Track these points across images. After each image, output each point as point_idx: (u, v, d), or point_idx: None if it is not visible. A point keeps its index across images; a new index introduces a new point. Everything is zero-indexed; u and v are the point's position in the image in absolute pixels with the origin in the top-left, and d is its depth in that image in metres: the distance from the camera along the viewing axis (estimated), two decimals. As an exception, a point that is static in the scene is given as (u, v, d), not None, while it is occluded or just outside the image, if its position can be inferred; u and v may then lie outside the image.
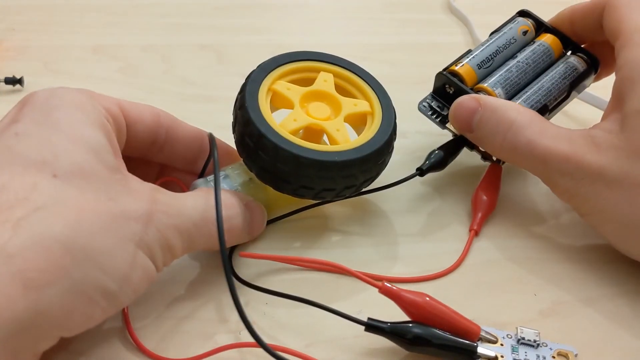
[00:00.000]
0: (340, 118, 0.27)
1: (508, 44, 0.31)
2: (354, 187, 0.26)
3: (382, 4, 0.59)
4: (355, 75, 0.29)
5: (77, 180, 0.19)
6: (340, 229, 0.28)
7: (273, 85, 0.27)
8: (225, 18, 0.53)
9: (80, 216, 0.18)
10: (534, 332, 0.21)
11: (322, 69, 0.29)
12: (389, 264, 0.26)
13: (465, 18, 0.53)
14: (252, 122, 0.25)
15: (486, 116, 0.27)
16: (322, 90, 0.28)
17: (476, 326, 0.21)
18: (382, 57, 0.47)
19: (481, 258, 0.27)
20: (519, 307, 0.24)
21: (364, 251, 0.27)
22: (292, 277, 0.25)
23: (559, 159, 0.24)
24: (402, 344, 0.21)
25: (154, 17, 0.52)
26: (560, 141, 0.25)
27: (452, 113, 0.29)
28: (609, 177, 0.23)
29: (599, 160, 0.23)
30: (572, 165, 0.24)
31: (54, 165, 0.19)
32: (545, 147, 0.25)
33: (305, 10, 0.56)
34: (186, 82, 0.41)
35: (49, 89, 0.22)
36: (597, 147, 0.24)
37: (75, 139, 0.20)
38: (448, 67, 0.31)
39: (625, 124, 0.23)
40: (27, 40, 0.46)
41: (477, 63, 0.31)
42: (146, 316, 0.23)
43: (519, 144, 0.26)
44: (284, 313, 0.23)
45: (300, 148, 0.24)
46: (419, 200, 0.30)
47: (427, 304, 0.21)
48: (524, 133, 0.26)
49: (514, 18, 0.33)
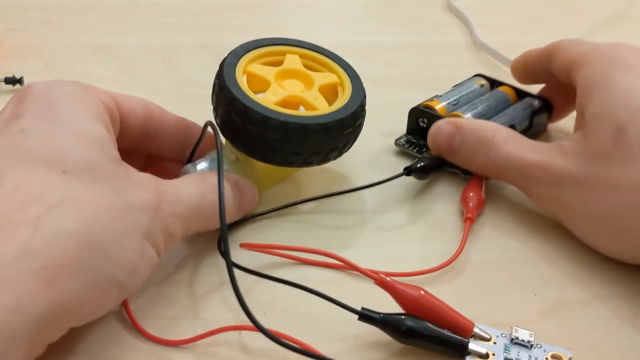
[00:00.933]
0: (314, 89, 0.29)
1: (469, 92, 0.36)
2: (337, 149, 0.28)
3: (382, 4, 0.59)
4: (318, 53, 0.31)
5: (86, 175, 0.20)
6: (338, 229, 0.28)
7: (247, 68, 0.29)
8: (225, 18, 0.53)
9: (93, 211, 0.19)
10: (529, 332, 0.22)
11: (287, 52, 0.31)
12: (386, 262, 0.26)
13: (465, 18, 0.53)
14: (237, 98, 0.26)
15: (466, 137, 0.29)
16: (292, 68, 0.30)
17: (470, 323, 0.21)
18: (382, 57, 0.47)
19: (480, 258, 0.27)
20: (519, 307, 0.24)
21: (363, 251, 0.27)
22: (291, 271, 0.25)
23: (534, 168, 0.27)
24: (395, 335, 0.21)
25: (154, 17, 0.52)
26: (533, 152, 0.27)
27: (431, 138, 0.30)
28: (576, 179, 0.25)
29: (565, 165, 0.25)
30: (544, 172, 0.26)
31: (62, 162, 0.19)
32: (521, 159, 0.27)
33: (305, 10, 0.57)
34: (186, 82, 0.41)
35: (45, 82, 0.22)
36: (564, 154, 0.26)
37: (79, 134, 0.21)
38: (418, 105, 0.34)
39: (585, 130, 0.25)
40: (28, 39, 0.46)
41: (446, 101, 0.34)
42: (145, 301, 0.23)
43: (499, 159, 0.28)
44: (283, 308, 0.23)
45: (287, 116, 0.26)
46: (416, 201, 0.30)
47: (421, 297, 0.21)
48: (502, 148, 0.28)
49: (470, 78, 0.38)
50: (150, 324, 0.22)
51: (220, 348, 0.22)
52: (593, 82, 0.26)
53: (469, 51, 0.48)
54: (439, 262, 0.25)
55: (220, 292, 0.24)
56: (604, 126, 0.25)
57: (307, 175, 0.32)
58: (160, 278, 0.25)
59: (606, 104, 0.25)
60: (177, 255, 0.26)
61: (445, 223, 0.29)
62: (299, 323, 0.23)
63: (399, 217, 0.29)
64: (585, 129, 0.26)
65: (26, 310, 0.17)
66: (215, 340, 0.22)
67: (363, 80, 0.30)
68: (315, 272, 0.25)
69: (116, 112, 0.24)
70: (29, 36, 0.47)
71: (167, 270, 0.25)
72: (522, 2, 0.60)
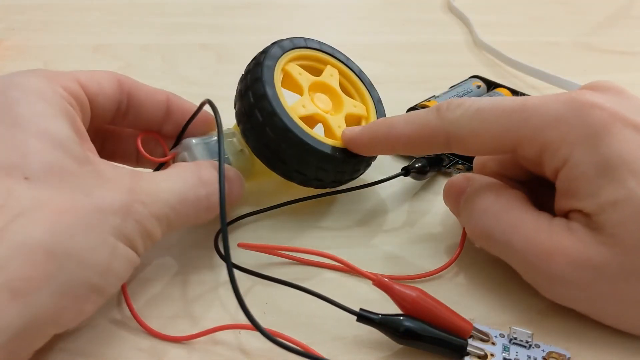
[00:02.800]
0: (342, 115, 0.28)
1: (466, 92, 0.35)
2: (338, 182, 0.27)
3: (382, 4, 0.59)
4: (356, 76, 0.30)
5: (49, 179, 0.19)
6: (336, 229, 0.28)
7: (286, 66, 0.28)
8: (225, 18, 0.53)
9: (60, 218, 0.18)
10: (527, 332, 0.21)
11: (329, 63, 0.30)
12: (385, 262, 0.26)
13: (465, 18, 0.53)
14: (267, 97, 0.25)
15: (468, 198, 0.25)
16: (328, 83, 0.29)
17: (468, 323, 0.21)
18: (382, 57, 0.47)
19: (480, 257, 0.27)
20: (519, 307, 0.24)
21: (362, 250, 0.27)
22: (290, 271, 0.25)
23: (541, 254, 0.22)
24: (393, 336, 0.21)
25: (154, 17, 0.52)
26: (540, 231, 0.22)
27: (445, 194, 0.27)
28: (612, 274, 0.21)
29: (592, 258, 0.21)
30: (560, 264, 0.21)
31: (23, 168, 0.19)
32: (524, 237, 0.22)
33: (305, 10, 0.57)
34: (186, 81, 0.41)
35: (4, 77, 0.21)
36: (584, 244, 0.21)
37: (40, 135, 0.19)
38: (415, 106, 0.34)
39: (603, 216, 0.21)
40: (28, 39, 0.46)
41: (443, 100, 0.34)
42: (147, 299, 0.23)
43: (495, 232, 0.23)
44: (282, 308, 0.23)
45: (308, 136, 0.25)
46: (414, 201, 0.30)
47: (419, 299, 0.21)
48: (502, 221, 0.23)
49: (467, 80, 0.37)
50: (148, 323, 0.22)
51: (219, 347, 0.22)
52: (594, 167, 0.21)
53: (469, 51, 0.48)
54: (438, 262, 0.25)
55: (218, 291, 0.24)
56: (632, 213, 0.20)
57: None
58: (157, 277, 0.25)
59: (628, 187, 0.20)
60: (174, 254, 0.26)
61: (443, 223, 0.29)
62: (298, 323, 0.23)
63: (397, 217, 0.29)
64: (599, 217, 0.21)
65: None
66: (214, 339, 0.22)
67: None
68: (315, 272, 0.25)
69: (83, 97, 0.23)
70: (29, 36, 0.47)
71: (164, 269, 0.25)
72: (522, 2, 0.60)
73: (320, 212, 0.29)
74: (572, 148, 0.21)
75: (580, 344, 0.22)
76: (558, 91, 0.29)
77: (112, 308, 0.23)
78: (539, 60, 0.43)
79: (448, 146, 0.24)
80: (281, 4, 0.57)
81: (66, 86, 0.22)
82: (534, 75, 0.41)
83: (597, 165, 0.21)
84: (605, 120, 0.21)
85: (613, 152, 0.21)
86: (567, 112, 0.22)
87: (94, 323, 0.22)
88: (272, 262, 0.26)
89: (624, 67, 0.47)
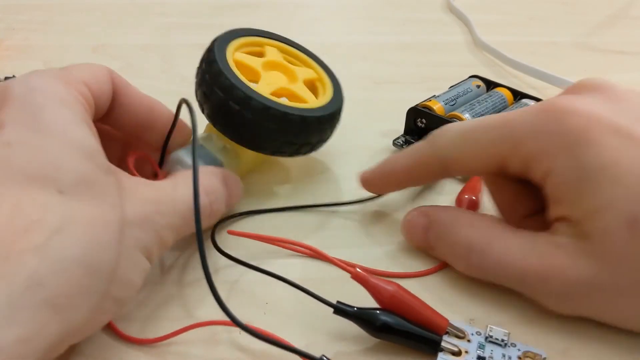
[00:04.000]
0: (300, 82, 0.30)
1: (466, 92, 0.35)
2: (324, 141, 0.29)
3: (382, 4, 0.59)
4: (292, 47, 0.32)
5: (81, 192, 0.19)
6: (337, 228, 0.28)
7: (235, 57, 0.29)
8: (225, 18, 0.53)
9: (93, 231, 0.18)
10: (504, 331, 0.22)
11: (265, 44, 0.31)
12: (387, 262, 0.26)
13: (465, 18, 0.53)
14: (236, 86, 0.26)
15: (440, 236, 0.24)
16: (276, 60, 0.30)
17: (444, 319, 0.21)
18: (382, 57, 0.47)
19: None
20: (519, 306, 0.24)
21: (364, 250, 0.27)
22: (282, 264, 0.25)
23: (538, 279, 0.22)
24: (368, 329, 0.21)
25: (154, 17, 0.52)
26: (529, 255, 0.22)
27: (405, 231, 0.26)
28: (601, 286, 0.21)
29: (582, 271, 0.21)
30: (555, 284, 0.21)
31: (57, 180, 0.18)
32: (516, 267, 0.22)
33: (305, 10, 0.57)
34: (186, 81, 0.41)
35: (22, 80, 0.20)
36: (572, 257, 0.21)
37: (70, 145, 0.19)
38: (416, 106, 0.34)
39: (587, 226, 0.21)
40: (27, 39, 0.46)
41: (443, 100, 0.34)
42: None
43: (487, 267, 0.23)
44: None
45: (287, 107, 0.26)
46: (416, 202, 0.30)
47: (395, 293, 0.21)
48: (489, 255, 0.23)
49: (467, 79, 0.37)
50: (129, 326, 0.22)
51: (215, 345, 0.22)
52: (575, 175, 0.21)
53: (469, 51, 0.48)
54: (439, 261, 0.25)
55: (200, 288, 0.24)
56: (614, 221, 0.20)
57: (308, 175, 0.32)
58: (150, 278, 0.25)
59: (609, 195, 0.20)
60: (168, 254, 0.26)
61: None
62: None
63: (399, 216, 0.29)
64: (585, 226, 0.21)
65: (36, 341, 0.16)
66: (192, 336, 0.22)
67: (363, 80, 0.30)
68: (306, 261, 0.25)
69: (91, 99, 0.22)
70: (29, 36, 0.47)
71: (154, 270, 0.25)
72: (522, 2, 0.60)
73: (321, 212, 0.29)
74: (552, 158, 0.21)
75: (579, 343, 0.22)
76: (558, 91, 0.29)
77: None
78: (539, 60, 0.43)
79: (445, 171, 0.25)
80: (281, 4, 0.57)
81: (80, 90, 0.22)
82: (534, 75, 0.41)
83: (577, 174, 0.21)
84: (583, 127, 0.21)
85: (592, 159, 0.21)
86: (544, 122, 0.22)
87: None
88: (260, 253, 0.26)
89: (624, 67, 0.47)
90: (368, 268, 0.25)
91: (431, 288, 0.24)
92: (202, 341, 0.22)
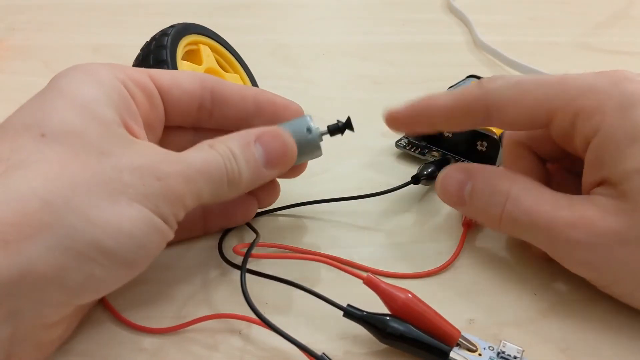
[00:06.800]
0: None
1: None
2: None
3: (382, 4, 0.59)
4: (221, 46, 0.34)
5: (67, 140, 0.19)
6: (336, 230, 0.28)
7: (180, 65, 0.30)
8: (225, 18, 0.53)
9: (64, 171, 0.18)
10: (517, 348, 0.21)
11: (201, 42, 0.33)
12: (387, 264, 0.26)
13: (465, 18, 0.53)
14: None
15: (479, 187, 0.25)
16: (214, 68, 0.32)
17: (456, 331, 0.21)
18: (382, 57, 0.47)
19: (480, 257, 0.27)
20: (518, 306, 0.24)
21: (368, 250, 0.27)
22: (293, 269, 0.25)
23: (567, 227, 0.22)
24: (377, 335, 0.21)
25: (154, 17, 0.52)
26: (561, 208, 0.22)
27: (440, 186, 0.26)
28: (627, 239, 0.21)
29: (611, 224, 0.21)
30: (582, 232, 0.22)
31: (42, 125, 0.19)
32: (547, 215, 0.23)
33: (305, 10, 0.57)
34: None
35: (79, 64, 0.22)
36: (604, 211, 0.22)
37: (68, 98, 0.20)
38: None
39: (625, 186, 0.21)
40: (28, 39, 0.46)
41: None
42: (132, 295, 0.23)
43: (519, 214, 0.23)
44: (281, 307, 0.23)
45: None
46: (422, 204, 0.30)
47: (408, 300, 0.21)
48: (522, 202, 0.23)
49: (465, 79, 0.37)
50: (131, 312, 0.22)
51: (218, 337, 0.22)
52: (624, 134, 0.22)
53: (469, 51, 0.48)
54: (440, 261, 0.25)
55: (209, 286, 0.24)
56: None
57: (308, 175, 0.32)
58: (155, 277, 0.25)
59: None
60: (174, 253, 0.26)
61: (447, 223, 0.29)
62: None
63: (404, 219, 0.29)
64: (624, 185, 0.22)
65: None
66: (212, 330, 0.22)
67: (363, 80, 0.30)
68: (316, 268, 0.25)
69: (152, 88, 0.23)
70: (29, 36, 0.47)
71: (162, 269, 0.25)
72: (522, 2, 0.60)
73: (326, 213, 0.29)
74: (604, 116, 0.22)
75: (578, 343, 0.22)
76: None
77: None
78: (539, 60, 0.43)
79: (487, 117, 0.24)
80: (280, 4, 0.57)
81: (132, 75, 0.22)
82: (534, 75, 0.41)
83: (627, 133, 0.21)
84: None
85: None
86: (603, 83, 0.23)
87: (94, 323, 0.22)
88: (270, 261, 0.26)
89: (623, 67, 0.46)
90: (378, 270, 0.25)
91: (431, 288, 0.24)
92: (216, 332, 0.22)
